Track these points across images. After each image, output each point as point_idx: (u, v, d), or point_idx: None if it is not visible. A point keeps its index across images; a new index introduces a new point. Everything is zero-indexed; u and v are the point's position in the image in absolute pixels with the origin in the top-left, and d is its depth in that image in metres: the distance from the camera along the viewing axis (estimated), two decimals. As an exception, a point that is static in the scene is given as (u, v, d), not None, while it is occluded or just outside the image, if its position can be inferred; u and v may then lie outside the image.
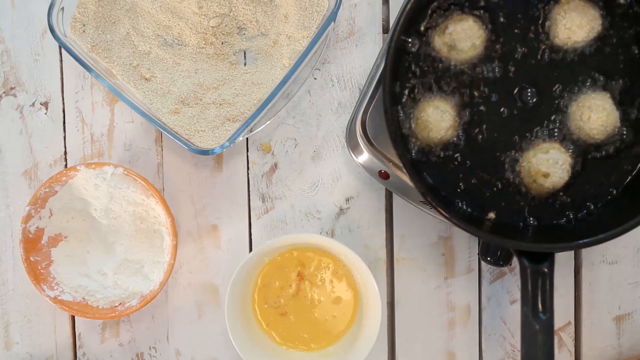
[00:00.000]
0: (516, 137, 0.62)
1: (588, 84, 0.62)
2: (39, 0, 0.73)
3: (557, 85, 0.63)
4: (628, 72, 0.62)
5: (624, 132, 0.63)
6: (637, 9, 0.62)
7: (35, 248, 0.69)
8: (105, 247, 0.72)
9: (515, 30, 0.62)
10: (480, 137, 0.63)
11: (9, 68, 0.73)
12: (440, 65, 0.62)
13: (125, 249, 0.71)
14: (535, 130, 0.63)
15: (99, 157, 0.73)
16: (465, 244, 0.73)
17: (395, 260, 0.73)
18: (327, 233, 0.73)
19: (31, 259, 0.69)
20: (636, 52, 0.62)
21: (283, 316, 0.70)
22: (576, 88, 0.63)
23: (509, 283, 0.73)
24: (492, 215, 0.63)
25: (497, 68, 0.62)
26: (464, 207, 0.63)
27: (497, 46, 0.62)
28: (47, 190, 0.68)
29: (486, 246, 0.65)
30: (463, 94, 0.62)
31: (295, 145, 0.73)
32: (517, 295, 0.72)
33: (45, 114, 0.74)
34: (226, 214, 0.73)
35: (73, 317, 0.74)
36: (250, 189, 0.73)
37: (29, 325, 0.74)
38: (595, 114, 0.61)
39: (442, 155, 0.63)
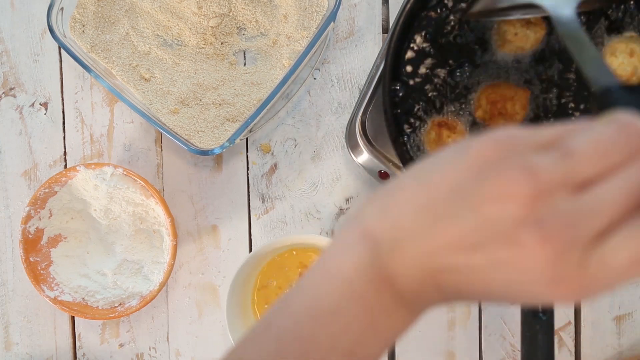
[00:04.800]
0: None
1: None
2: (38, 1, 0.73)
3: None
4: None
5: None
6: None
7: (34, 248, 0.69)
8: (104, 247, 0.72)
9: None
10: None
11: (8, 68, 0.73)
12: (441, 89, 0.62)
13: (124, 249, 0.71)
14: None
15: (98, 158, 0.73)
16: (465, 244, 0.73)
17: (395, 261, 0.72)
18: (327, 233, 0.73)
19: (31, 259, 0.69)
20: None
21: (283, 316, 0.70)
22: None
23: (509, 283, 0.73)
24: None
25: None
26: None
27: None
28: (46, 190, 0.68)
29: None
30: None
31: (295, 146, 0.73)
32: (517, 295, 0.72)
33: (45, 114, 0.73)
34: (226, 214, 0.73)
35: (73, 318, 0.74)
36: (250, 189, 0.73)
37: (29, 325, 0.74)
38: None
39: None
